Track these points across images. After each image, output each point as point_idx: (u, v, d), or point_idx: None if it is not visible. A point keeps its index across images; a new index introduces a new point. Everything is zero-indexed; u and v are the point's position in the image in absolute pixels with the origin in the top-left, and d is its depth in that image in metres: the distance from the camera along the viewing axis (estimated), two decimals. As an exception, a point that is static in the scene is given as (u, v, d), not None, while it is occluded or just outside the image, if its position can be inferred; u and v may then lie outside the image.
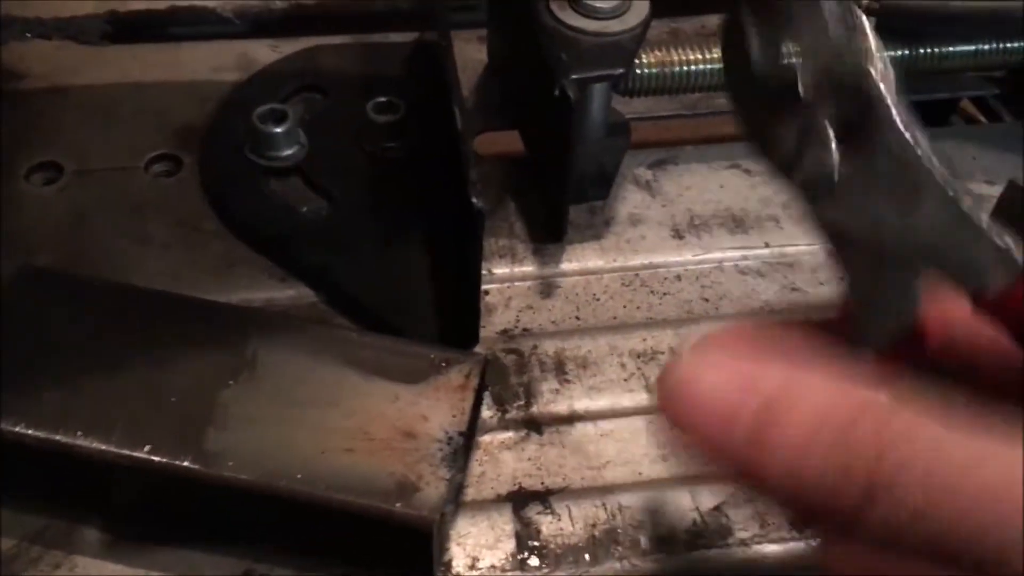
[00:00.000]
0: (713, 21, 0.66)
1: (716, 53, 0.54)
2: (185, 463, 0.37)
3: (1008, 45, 0.56)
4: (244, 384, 0.39)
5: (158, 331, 0.41)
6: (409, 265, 0.48)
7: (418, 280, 0.47)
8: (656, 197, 0.55)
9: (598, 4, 0.49)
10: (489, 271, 0.50)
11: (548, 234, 0.52)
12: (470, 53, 0.62)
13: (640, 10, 0.50)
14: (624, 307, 0.49)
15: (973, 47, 0.55)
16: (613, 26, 0.49)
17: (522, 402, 0.45)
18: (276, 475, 0.37)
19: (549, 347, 0.47)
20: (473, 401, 0.40)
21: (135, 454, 0.37)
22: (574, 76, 0.47)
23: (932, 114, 0.64)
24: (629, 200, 0.54)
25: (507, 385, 0.45)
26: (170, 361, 0.40)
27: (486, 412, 0.44)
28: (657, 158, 0.57)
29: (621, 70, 0.48)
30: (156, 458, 0.37)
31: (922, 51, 0.55)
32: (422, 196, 0.51)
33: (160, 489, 0.38)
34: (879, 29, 0.25)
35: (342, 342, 0.42)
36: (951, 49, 0.55)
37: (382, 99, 0.54)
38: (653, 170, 0.56)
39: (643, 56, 0.53)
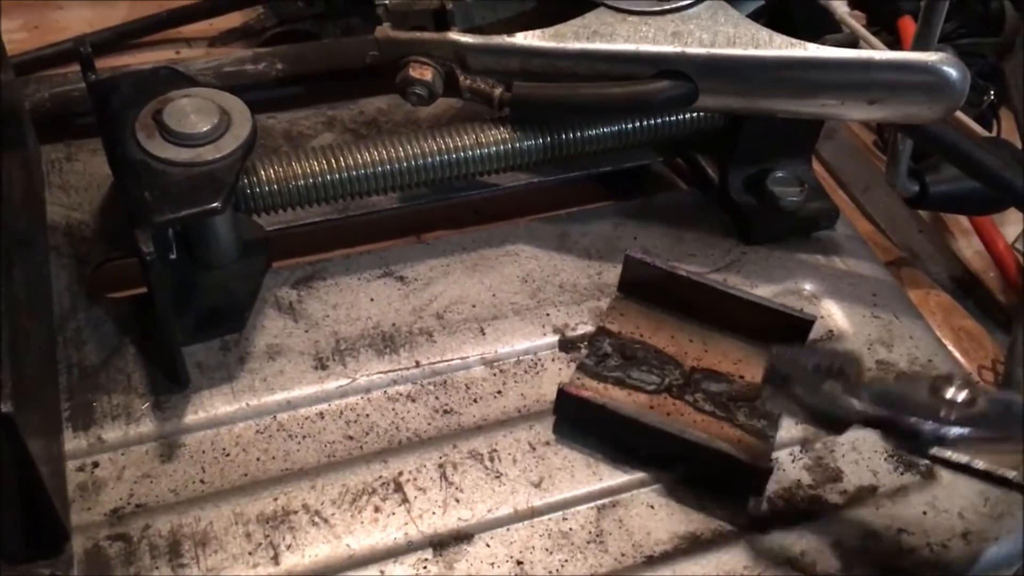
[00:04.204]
0: (371, 106, 0.62)
1: (348, 159, 0.50)
2: None
3: (650, 123, 0.54)
4: None
5: None
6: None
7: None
8: (299, 322, 0.50)
9: (188, 130, 0.44)
10: (99, 439, 0.44)
11: (170, 382, 0.46)
12: (95, 167, 0.56)
13: (239, 132, 0.45)
14: (258, 459, 0.45)
15: (616, 128, 0.54)
16: (207, 153, 0.44)
17: (126, 604, 0.39)
18: None
19: (164, 525, 0.42)
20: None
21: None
22: (156, 219, 0.42)
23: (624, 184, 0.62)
24: (268, 329, 0.49)
25: (109, 584, 0.40)
26: None
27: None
28: (302, 274, 0.52)
29: (215, 204, 0.43)
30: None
31: (564, 136, 0.53)
32: None
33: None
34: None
35: None
36: (592, 132, 0.53)
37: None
38: (298, 289, 0.51)
39: (260, 172, 0.49)
